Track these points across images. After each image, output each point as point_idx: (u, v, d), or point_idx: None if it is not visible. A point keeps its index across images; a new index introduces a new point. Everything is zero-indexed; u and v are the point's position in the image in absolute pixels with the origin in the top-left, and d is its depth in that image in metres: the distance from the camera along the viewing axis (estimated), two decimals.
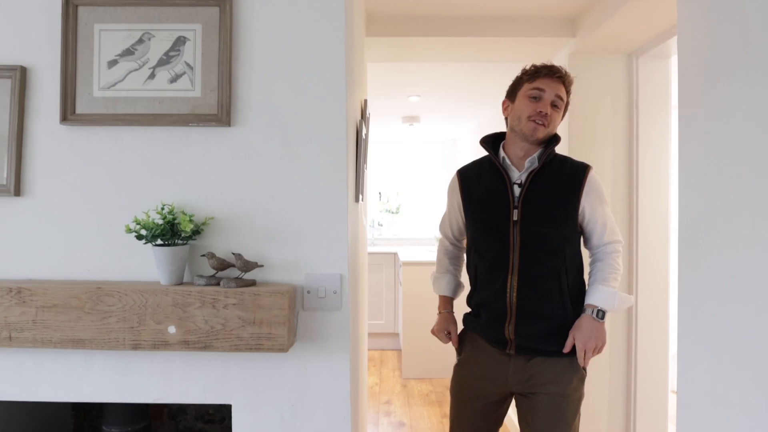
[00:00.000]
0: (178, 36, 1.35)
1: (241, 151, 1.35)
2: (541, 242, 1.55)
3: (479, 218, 1.64)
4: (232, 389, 1.32)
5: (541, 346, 1.55)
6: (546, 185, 1.56)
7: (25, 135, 1.37)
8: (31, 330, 1.26)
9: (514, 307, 1.54)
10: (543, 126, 1.54)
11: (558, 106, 1.58)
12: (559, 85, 1.57)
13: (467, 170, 1.74)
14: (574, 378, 1.55)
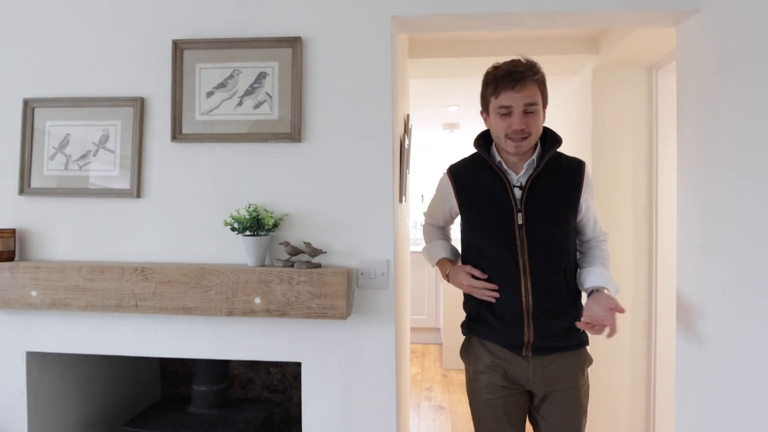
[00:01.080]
0: (260, 71, 1.72)
1: (309, 162, 1.70)
2: (548, 244, 1.54)
3: (483, 223, 1.60)
4: (302, 349, 1.67)
5: (559, 343, 1.55)
6: (546, 186, 1.55)
7: (144, 150, 1.77)
8: (152, 300, 1.65)
9: (530, 309, 1.52)
10: (524, 139, 1.49)
11: (533, 111, 1.49)
12: (527, 89, 1.47)
13: (459, 169, 1.68)
14: (586, 368, 1.60)
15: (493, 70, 1.53)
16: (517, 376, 1.57)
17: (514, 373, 1.57)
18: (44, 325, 1.79)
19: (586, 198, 1.59)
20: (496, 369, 1.59)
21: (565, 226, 1.56)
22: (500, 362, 1.58)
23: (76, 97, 1.80)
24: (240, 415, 2.07)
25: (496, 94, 1.50)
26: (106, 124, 1.78)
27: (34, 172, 1.81)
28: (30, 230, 1.81)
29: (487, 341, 1.61)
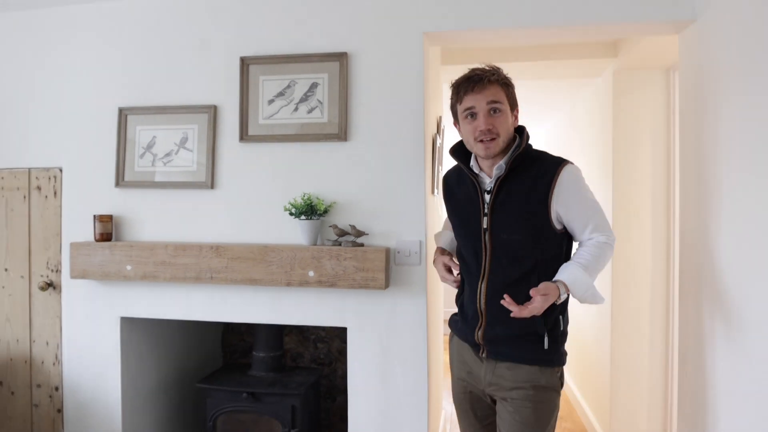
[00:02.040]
0: (312, 82, 2.04)
1: (353, 158, 2.00)
2: (506, 249, 1.50)
3: (457, 224, 1.64)
4: (348, 315, 1.98)
5: (507, 350, 1.50)
6: (513, 191, 1.50)
7: (216, 149, 2.12)
8: (224, 273, 1.98)
9: (483, 312, 1.51)
10: (493, 140, 1.48)
11: (498, 110, 1.48)
12: (488, 89, 1.47)
13: (449, 176, 1.72)
14: (542, 387, 1.48)
15: (455, 81, 1.55)
16: (476, 373, 1.57)
17: (474, 369, 1.58)
18: (135, 295, 2.16)
19: (563, 203, 1.47)
20: (463, 365, 1.62)
21: (531, 232, 1.49)
22: (466, 356, 1.61)
23: (161, 106, 2.17)
24: (293, 378, 2.39)
25: (460, 99, 1.52)
26: (185, 128, 2.14)
27: (127, 168, 2.19)
28: (124, 216, 2.20)
29: (456, 337, 1.66)
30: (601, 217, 1.53)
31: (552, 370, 1.51)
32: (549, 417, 1.51)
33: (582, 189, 1.51)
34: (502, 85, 1.50)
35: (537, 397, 1.48)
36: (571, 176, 1.49)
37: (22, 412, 2.35)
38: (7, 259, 2.34)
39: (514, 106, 1.56)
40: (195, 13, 2.15)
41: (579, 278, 1.43)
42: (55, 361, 2.30)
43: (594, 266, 1.46)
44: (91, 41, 2.24)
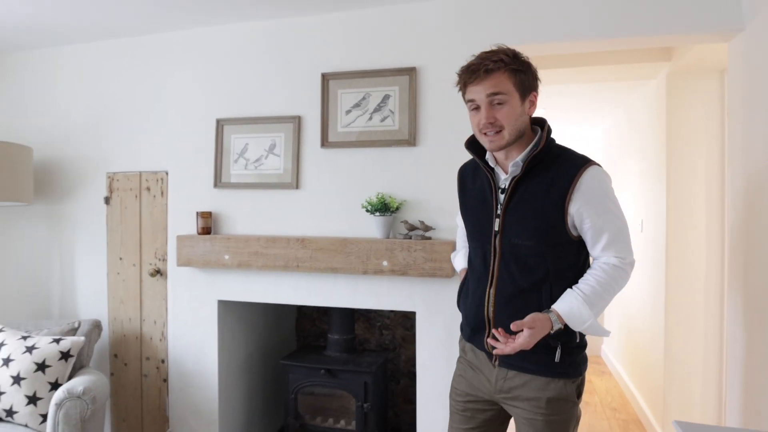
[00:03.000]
0: (385, 94, 2.30)
1: (421, 161, 2.25)
2: (517, 255, 1.38)
3: (468, 224, 1.55)
4: (417, 302, 2.23)
5: (518, 361, 1.39)
6: (529, 192, 1.37)
7: (301, 154, 2.41)
8: (309, 262, 2.28)
9: (491, 320, 1.42)
10: (497, 133, 1.35)
11: (501, 102, 1.33)
12: (489, 80, 1.32)
13: (465, 168, 1.61)
14: (555, 400, 1.38)
15: (460, 69, 1.40)
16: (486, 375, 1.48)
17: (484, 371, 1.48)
18: (231, 281, 2.49)
19: (580, 208, 1.33)
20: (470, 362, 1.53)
21: (545, 238, 1.36)
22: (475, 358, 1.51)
23: (252, 117, 2.49)
24: (364, 359, 2.67)
25: (463, 90, 1.40)
26: (273, 136, 2.45)
27: (223, 172, 2.53)
28: (221, 213, 2.53)
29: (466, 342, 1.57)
30: (619, 232, 1.35)
31: (566, 381, 1.39)
32: (565, 429, 1.40)
33: (603, 195, 1.35)
34: (508, 72, 1.33)
35: (550, 409, 1.38)
36: (594, 180, 1.34)
37: (133, 381, 2.73)
38: (122, 249, 2.73)
39: (528, 91, 1.37)
40: (281, 36, 2.45)
41: (576, 311, 1.30)
42: (162, 338, 2.67)
43: (599, 296, 1.32)
44: (192, 62, 2.60)
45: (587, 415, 3.48)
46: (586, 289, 1.32)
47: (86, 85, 2.79)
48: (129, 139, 2.71)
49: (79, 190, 2.81)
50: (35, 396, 2.10)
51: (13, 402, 2.08)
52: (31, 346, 2.18)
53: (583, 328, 1.32)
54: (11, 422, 2.09)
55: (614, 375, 4.34)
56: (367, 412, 2.50)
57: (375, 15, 2.32)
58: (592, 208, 1.33)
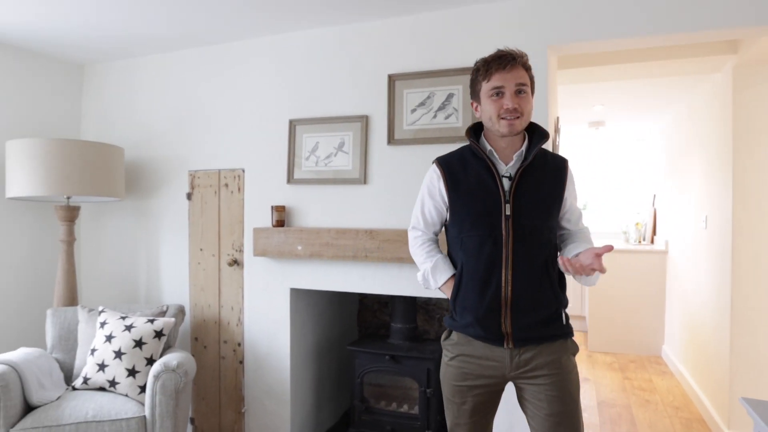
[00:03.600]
0: (448, 93, 2.41)
1: None
2: (533, 235, 1.53)
3: (470, 213, 1.58)
4: None
5: (541, 333, 1.53)
6: (534, 179, 1.56)
7: (368, 152, 2.56)
8: (376, 252, 2.42)
9: (509, 301, 1.52)
10: (517, 119, 1.50)
11: (524, 91, 1.52)
12: (516, 70, 1.51)
13: (448, 160, 1.66)
14: (571, 355, 1.58)
15: (482, 59, 1.56)
16: (494, 364, 1.56)
17: (491, 360, 1.56)
18: (303, 270, 2.67)
19: (570, 194, 1.63)
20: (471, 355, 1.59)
21: (550, 219, 1.58)
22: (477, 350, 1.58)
23: (322, 117, 2.66)
24: (425, 347, 2.78)
25: (488, 77, 1.52)
26: (342, 134, 2.61)
27: (296, 168, 2.71)
28: (294, 206, 2.72)
29: (463, 334, 1.61)
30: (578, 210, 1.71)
31: (571, 340, 1.61)
32: (578, 380, 1.59)
33: (575, 191, 1.68)
34: (527, 70, 1.55)
35: (571, 365, 1.57)
36: (572, 179, 1.67)
37: (212, 362, 2.96)
38: (202, 241, 2.97)
39: (533, 91, 1.59)
40: (350, 40, 2.61)
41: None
42: (238, 323, 2.89)
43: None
44: (266, 66, 2.80)
45: (648, 412, 3.47)
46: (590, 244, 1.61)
47: (169, 91, 3.06)
48: (209, 139, 2.95)
49: (164, 186, 3.07)
50: (134, 369, 2.34)
51: (116, 374, 2.33)
52: (130, 325, 2.43)
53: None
54: (114, 392, 2.34)
55: (675, 375, 4.27)
56: (429, 397, 2.62)
57: (438, 18, 2.44)
58: (573, 194, 1.66)
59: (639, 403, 3.65)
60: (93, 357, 2.39)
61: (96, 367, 2.36)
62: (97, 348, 2.40)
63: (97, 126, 3.30)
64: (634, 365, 4.60)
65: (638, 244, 5.44)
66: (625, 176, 6.31)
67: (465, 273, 1.58)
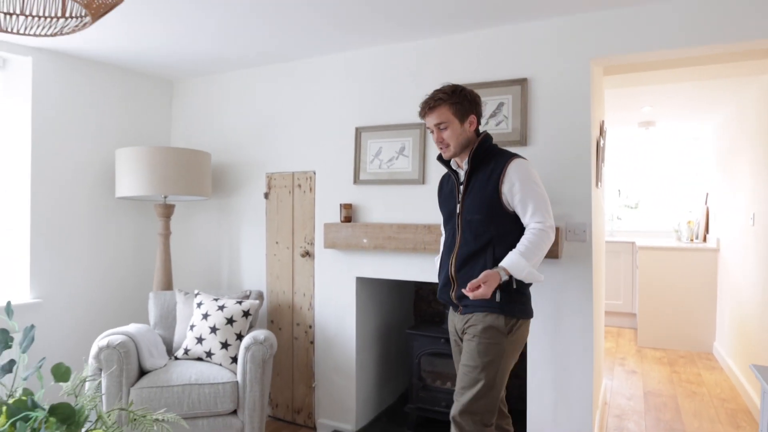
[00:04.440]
0: (499, 102, 2.69)
1: (531, 157, 2.60)
2: (471, 227, 1.96)
3: (443, 214, 2.15)
4: None
5: (471, 305, 1.95)
6: (476, 181, 1.97)
7: (426, 155, 2.87)
8: (434, 245, 2.72)
9: (454, 278, 2.00)
10: (446, 147, 1.99)
11: (445, 127, 1.96)
12: (432, 114, 1.97)
13: (443, 178, 2.25)
14: (488, 326, 1.89)
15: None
16: (454, 325, 2.09)
17: (453, 320, 2.10)
18: (368, 261, 3.01)
19: (509, 189, 1.91)
20: (449, 315, 2.17)
21: (488, 213, 1.93)
22: (450, 316, 2.15)
23: (385, 124, 2.99)
24: None
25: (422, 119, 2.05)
26: (403, 140, 2.93)
27: (361, 171, 3.05)
28: (360, 204, 3.06)
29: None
30: (540, 202, 1.90)
31: (498, 315, 1.90)
32: (490, 352, 1.89)
33: (525, 179, 1.90)
34: (447, 105, 1.95)
35: (485, 334, 1.90)
36: (517, 168, 1.92)
37: (286, 342, 3.35)
38: (278, 235, 3.36)
39: (466, 116, 1.98)
40: (410, 56, 2.93)
41: (515, 262, 1.84)
42: (309, 307, 3.26)
43: (532, 251, 1.85)
44: (335, 80, 3.16)
45: (694, 403, 3.60)
46: (521, 247, 1.88)
47: (250, 102, 3.47)
48: (284, 145, 3.34)
49: (245, 187, 3.49)
50: (226, 342, 2.74)
51: (211, 346, 2.74)
52: (222, 306, 2.84)
53: (523, 275, 1.85)
54: (209, 362, 2.75)
55: (725, 370, 4.34)
56: None
57: (489, 35, 2.72)
58: (517, 189, 1.91)
59: (685, 394, 3.78)
60: (192, 332, 2.81)
61: (195, 340, 2.78)
62: (195, 324, 2.82)
63: (185, 134, 3.76)
64: (683, 360, 4.69)
65: (690, 242, 5.48)
66: (678, 175, 6.32)
67: (442, 258, 2.13)
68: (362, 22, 2.65)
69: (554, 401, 2.54)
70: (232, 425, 2.56)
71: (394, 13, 2.54)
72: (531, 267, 1.85)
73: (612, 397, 3.74)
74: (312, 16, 2.58)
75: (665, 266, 5.13)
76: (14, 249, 3.05)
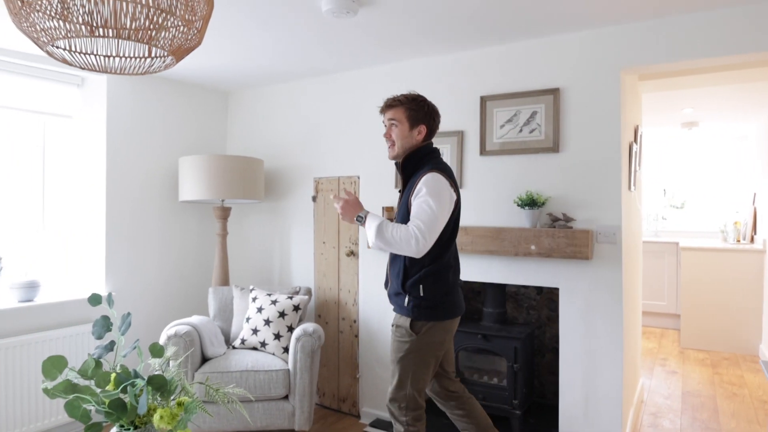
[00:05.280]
0: (533, 111, 2.83)
1: (563, 164, 2.74)
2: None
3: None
4: (560, 279, 2.72)
5: (392, 302, 2.27)
6: (405, 192, 2.18)
7: (463, 161, 3.04)
8: (471, 246, 2.89)
9: (388, 275, 2.29)
10: (391, 146, 2.21)
11: (395, 124, 2.17)
12: (389, 111, 2.19)
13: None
14: (398, 326, 2.20)
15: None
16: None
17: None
18: None
19: (416, 194, 2.07)
20: None
21: (405, 218, 2.12)
22: None
23: None
24: (514, 328, 3.21)
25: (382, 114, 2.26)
26: (441, 147, 3.10)
27: None
28: None
29: None
30: (423, 214, 2.01)
31: (406, 318, 2.16)
32: (401, 349, 2.17)
33: (431, 191, 2.04)
34: (403, 108, 2.17)
35: (395, 332, 2.21)
36: (428, 179, 2.06)
37: (332, 336, 3.59)
38: (325, 235, 3.61)
39: (416, 123, 2.18)
40: (448, 67, 3.11)
41: (376, 225, 2.06)
42: (354, 303, 3.49)
43: (390, 233, 2.03)
44: (378, 90, 3.37)
45: (733, 404, 3.62)
46: (390, 225, 2.07)
47: (298, 111, 3.73)
48: (330, 151, 3.58)
49: (294, 190, 3.75)
50: (278, 334, 3.01)
51: (265, 337, 3.01)
52: (274, 300, 3.11)
53: (369, 233, 2.07)
54: (264, 351, 3.02)
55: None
56: (516, 372, 3.04)
57: (523, 47, 2.86)
58: (422, 193, 2.05)
59: (725, 395, 3.80)
60: (248, 324, 3.09)
61: (250, 331, 3.06)
62: (251, 317, 3.10)
63: (240, 142, 4.07)
64: (726, 362, 4.66)
65: (737, 242, 5.40)
66: (724, 174, 6.21)
67: None
68: (403, 40, 2.84)
69: (585, 396, 2.67)
70: (284, 409, 2.82)
71: (432, 31, 2.72)
72: (376, 237, 2.05)
73: (649, 396, 3.80)
74: (359, 37, 2.80)
75: (710, 267, 5.09)
76: (92, 247, 3.42)
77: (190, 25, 1.38)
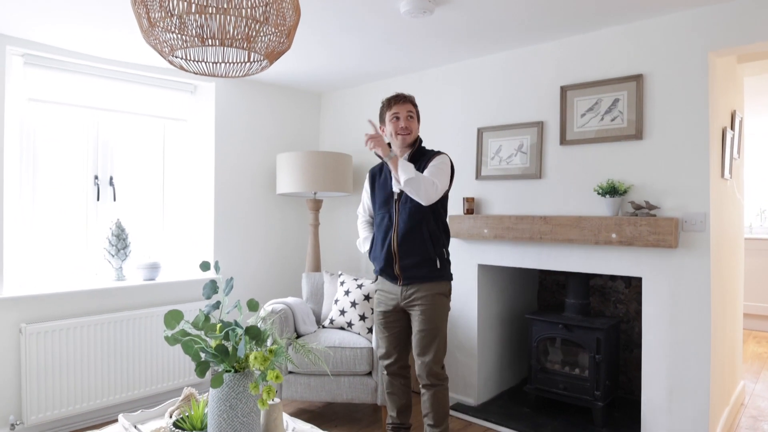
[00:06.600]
0: (614, 98, 2.80)
1: (646, 152, 2.68)
2: (405, 208, 2.42)
3: (377, 201, 2.57)
4: (643, 268, 2.68)
5: (416, 274, 2.41)
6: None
7: (543, 152, 3.07)
8: (550, 235, 2.92)
9: (396, 253, 2.43)
10: (407, 135, 2.46)
11: (412, 116, 2.48)
12: (407, 104, 2.47)
13: (374, 169, 2.67)
14: (438, 294, 2.41)
15: (386, 98, 2.54)
16: (393, 296, 2.50)
17: (392, 293, 2.50)
18: (488, 249, 3.29)
19: (430, 167, 2.39)
20: (383, 290, 2.56)
21: None
22: (387, 286, 2.54)
23: (504, 124, 3.24)
24: (597, 320, 3.18)
25: (390, 107, 2.49)
26: (521, 138, 3.16)
27: (482, 167, 3.34)
28: (481, 198, 3.36)
29: (381, 278, 2.58)
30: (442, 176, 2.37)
31: (443, 282, 2.46)
32: (444, 313, 2.46)
33: (441, 163, 2.41)
34: (414, 104, 2.53)
35: (436, 301, 2.41)
36: (441, 157, 2.45)
37: None
38: None
39: (419, 120, 2.56)
40: (527, 59, 3.15)
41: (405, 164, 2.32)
42: None
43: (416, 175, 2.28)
44: (458, 85, 3.48)
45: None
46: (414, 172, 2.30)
47: None
48: None
49: None
50: (363, 315, 3.23)
51: (351, 318, 3.24)
52: (360, 284, 3.33)
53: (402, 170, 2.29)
54: (350, 331, 3.26)
55: None
56: (599, 362, 3.02)
57: (603, 35, 2.84)
58: (433, 163, 2.42)
59: None
60: (336, 305, 3.34)
61: (338, 312, 3.31)
62: (339, 299, 3.35)
63: (331, 138, 4.36)
64: None
65: None
66: None
67: (375, 241, 2.56)
68: (481, 35, 2.94)
69: (669, 389, 2.60)
70: (368, 384, 3.03)
71: (508, 27, 2.80)
72: (410, 175, 2.27)
73: (752, 399, 3.56)
74: (438, 35, 2.94)
75: None
76: (202, 235, 3.86)
77: (281, 31, 1.60)
